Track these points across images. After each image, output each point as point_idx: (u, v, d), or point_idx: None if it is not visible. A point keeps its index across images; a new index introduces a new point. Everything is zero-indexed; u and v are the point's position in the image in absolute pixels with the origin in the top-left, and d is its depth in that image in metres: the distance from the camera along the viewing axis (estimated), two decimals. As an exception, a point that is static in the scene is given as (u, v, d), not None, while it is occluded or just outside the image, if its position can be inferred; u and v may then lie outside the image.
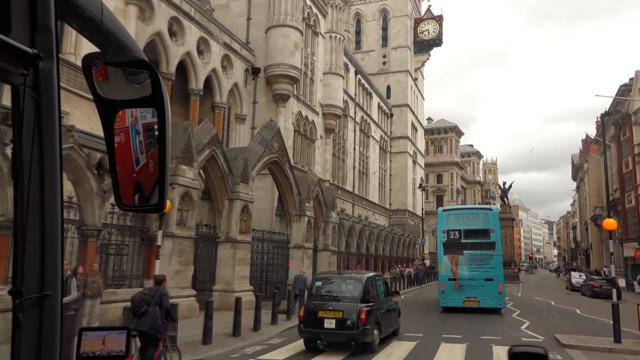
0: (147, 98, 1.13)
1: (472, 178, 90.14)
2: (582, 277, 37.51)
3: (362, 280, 11.14)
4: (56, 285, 0.95)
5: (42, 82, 0.95)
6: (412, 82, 58.55)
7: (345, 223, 31.11)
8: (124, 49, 1.14)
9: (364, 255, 34.70)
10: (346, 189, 41.18)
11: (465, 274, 18.69)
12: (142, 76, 1.13)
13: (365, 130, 47.11)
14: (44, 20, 0.95)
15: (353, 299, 10.66)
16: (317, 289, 11.46)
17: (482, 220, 19.60)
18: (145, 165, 1.16)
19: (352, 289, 11.04)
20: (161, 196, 1.16)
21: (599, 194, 56.23)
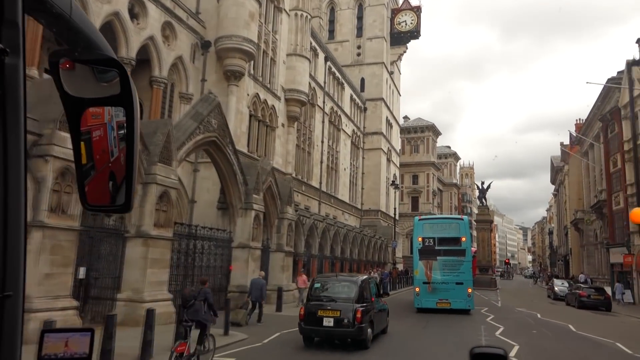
0: (116, 97, 1.12)
1: (449, 180, 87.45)
2: (564, 284, 34.50)
3: (358, 283, 12.01)
4: (18, 287, 0.95)
5: (8, 77, 0.95)
6: (387, 75, 55.27)
7: (306, 221, 27.36)
8: (92, 46, 1.12)
9: (327, 258, 31.00)
10: (312, 185, 37.47)
11: (438, 278, 20.43)
12: (110, 74, 1.12)
13: (335, 122, 43.50)
14: (10, 14, 0.94)
15: (349, 300, 11.43)
16: (316, 290, 12.17)
17: (454, 229, 21.33)
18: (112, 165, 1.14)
19: (349, 290, 11.81)
20: (128, 196, 1.15)
21: (579, 197, 53.80)
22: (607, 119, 34.97)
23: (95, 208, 1.19)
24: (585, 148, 50.64)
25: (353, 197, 49.50)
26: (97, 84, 1.12)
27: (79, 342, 1.43)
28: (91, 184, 1.14)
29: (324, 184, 40.19)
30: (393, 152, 59.07)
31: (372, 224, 50.29)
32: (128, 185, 1.14)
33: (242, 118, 26.67)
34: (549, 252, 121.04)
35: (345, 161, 46.29)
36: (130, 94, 1.12)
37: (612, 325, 19.02)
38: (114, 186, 1.14)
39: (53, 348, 1.40)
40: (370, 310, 11.80)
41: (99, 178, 1.14)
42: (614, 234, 34.22)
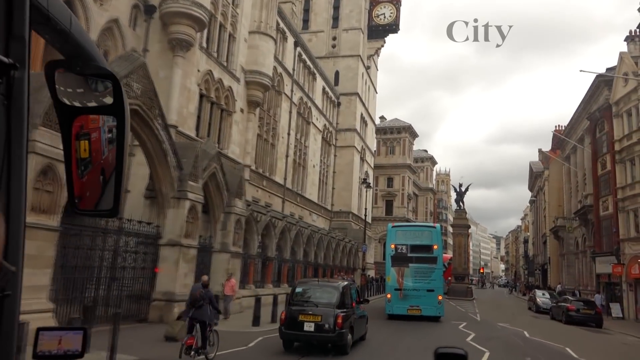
0: (109, 107, 1.17)
1: (425, 185, 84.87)
2: (545, 295, 31.61)
3: (339, 288, 12.16)
4: (16, 286, 0.98)
5: (15, 91, 0.99)
6: (363, 69, 52.13)
7: (261, 218, 23.76)
8: (88, 59, 1.17)
9: (287, 261, 27.42)
10: (275, 181, 33.87)
11: (410, 284, 20.43)
12: (104, 85, 1.17)
13: (304, 115, 40.05)
14: (19, 29, 0.98)
15: (330, 305, 11.45)
16: (298, 294, 12.22)
17: (427, 237, 21.55)
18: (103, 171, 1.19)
19: (330, 295, 11.84)
20: (116, 201, 1.18)
21: (559, 204, 51.47)
22: (596, 117, 32.38)
23: (84, 212, 1.21)
24: (567, 152, 48.34)
25: (323, 197, 46.05)
26: (91, 94, 1.17)
27: (72, 340, 1.51)
28: (82, 188, 1.17)
29: (290, 181, 36.63)
30: (367, 151, 55.90)
31: (342, 226, 46.93)
32: (117, 190, 1.18)
33: (189, 96, 22.97)
34: (522, 261, 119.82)
35: (314, 158, 42.85)
36: (123, 104, 1.16)
37: (615, 349, 16.01)
38: (103, 191, 1.18)
39: (48, 345, 1.47)
40: (350, 316, 11.82)
41: (89, 182, 1.17)
42: (600, 241, 31.54)
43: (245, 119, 28.93)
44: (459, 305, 31.53)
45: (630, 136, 28.08)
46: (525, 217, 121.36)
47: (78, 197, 1.17)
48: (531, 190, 70.51)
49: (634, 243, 27.02)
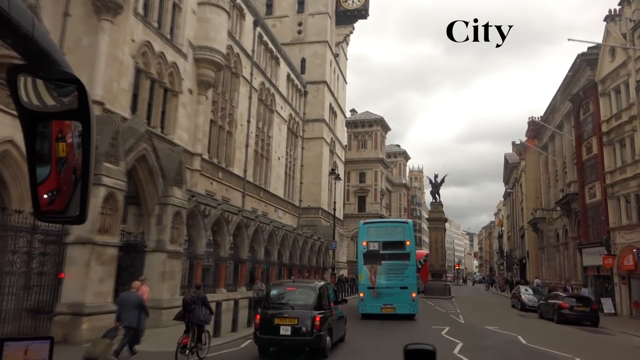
0: (73, 111, 1.15)
1: (398, 180, 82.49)
2: (528, 291, 29.07)
3: (316, 289, 11.54)
4: None
5: None
6: (331, 56, 49.10)
7: (210, 211, 20.37)
8: (52, 63, 1.14)
9: (244, 261, 24.09)
10: (233, 173, 30.46)
11: (383, 282, 19.86)
12: (68, 90, 1.15)
13: (267, 102, 36.73)
14: None
15: (307, 307, 10.91)
16: (273, 297, 11.62)
17: (399, 233, 20.89)
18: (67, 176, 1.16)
19: (306, 296, 11.27)
20: (83, 207, 1.16)
21: (537, 195, 49.54)
22: (580, 98, 30.05)
23: (48, 218, 1.20)
24: (544, 141, 46.35)
25: (289, 192, 42.81)
26: (55, 99, 1.14)
27: (38, 350, 1.49)
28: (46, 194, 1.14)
29: (250, 173, 33.27)
30: (337, 144, 52.89)
31: (311, 223, 43.79)
32: (83, 197, 1.15)
33: (121, 70, 19.44)
34: (497, 256, 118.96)
35: (280, 149, 39.57)
36: (88, 108, 1.14)
37: (629, 355, 13.25)
38: (69, 197, 1.15)
39: (13, 356, 1.44)
40: (328, 318, 11.40)
41: (54, 188, 1.14)
42: (587, 232, 29.23)
43: (195, 101, 25.48)
44: (438, 304, 28.77)
45: (619, 115, 25.76)
46: (499, 212, 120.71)
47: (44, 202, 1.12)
48: (506, 183, 68.75)
49: (626, 232, 24.70)
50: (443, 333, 15.69)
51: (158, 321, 15.01)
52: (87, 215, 1.19)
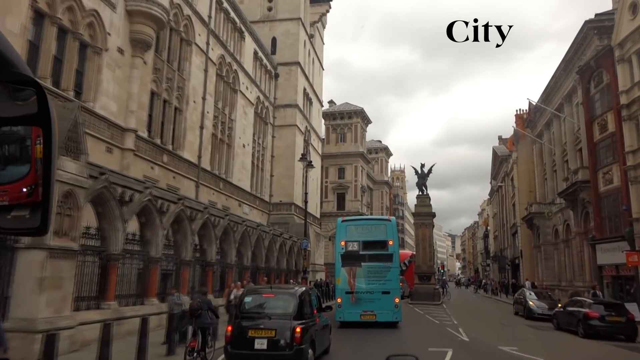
0: (33, 116, 1.09)
1: (380, 178, 78.08)
2: (532, 295, 24.51)
3: (297, 295, 10.18)
4: None
5: None
6: (305, 36, 44.34)
7: (133, 196, 15.26)
8: (8, 65, 1.08)
9: (188, 263, 19.04)
10: (183, 157, 25.40)
11: (363, 286, 18.32)
12: (26, 93, 1.09)
13: (228, 79, 31.76)
14: None
15: (286, 316, 9.62)
16: (247, 305, 10.20)
17: (381, 232, 19.28)
18: (12, 196, 1.10)
19: (285, 304, 9.99)
20: (44, 218, 1.10)
21: (530, 189, 45.46)
22: (591, 68, 25.73)
23: (6, 230, 1.13)
24: (539, 129, 42.29)
25: (258, 185, 37.85)
26: (11, 103, 1.08)
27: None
28: (3, 205, 1.08)
29: (207, 160, 28.25)
30: (313, 134, 48.07)
31: (283, 220, 38.96)
32: (44, 207, 1.09)
33: (5, 4, 14.35)
34: (481, 257, 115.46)
35: (245, 136, 34.61)
36: (48, 113, 1.08)
37: None
38: (29, 207, 1.09)
39: None
40: (311, 328, 9.97)
41: (12, 198, 1.09)
42: (601, 224, 24.90)
43: (128, 64, 20.42)
44: (428, 312, 24.16)
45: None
46: (483, 212, 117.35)
47: None
48: (494, 178, 64.76)
49: (654, 222, 20.38)
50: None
51: (29, 352, 10.03)
52: (49, 226, 1.11)
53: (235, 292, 15.02)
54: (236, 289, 15.35)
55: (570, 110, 33.90)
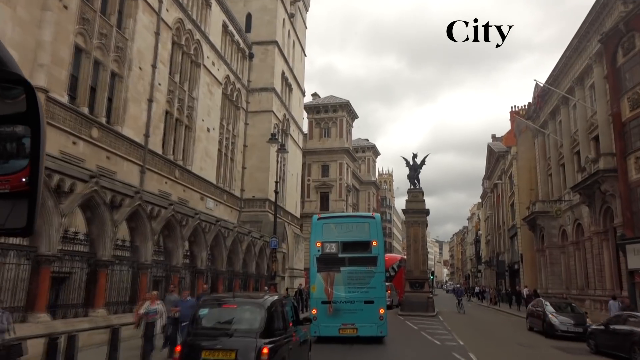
0: (21, 114, 1.09)
1: (367, 178, 73.59)
2: (547, 306, 19.90)
3: (265, 306, 8.12)
4: None
5: None
6: (285, 14, 39.79)
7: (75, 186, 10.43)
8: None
9: (105, 264, 14.19)
10: (123, 135, 20.55)
11: (342, 295, 15.84)
12: (16, 92, 1.09)
13: (188, 49, 27.02)
14: None
15: (251, 333, 7.67)
16: (202, 319, 8.16)
17: (363, 230, 16.83)
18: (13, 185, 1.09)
19: (251, 317, 8.06)
20: (31, 219, 1.09)
21: (532, 187, 41.27)
22: (620, 33, 21.44)
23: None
24: (542, 120, 38.15)
25: (226, 177, 33.06)
26: (1, 102, 1.07)
27: None
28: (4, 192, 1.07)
29: (157, 141, 23.44)
30: (293, 125, 43.37)
31: (256, 219, 34.24)
32: (31, 207, 1.08)
33: None
34: (470, 264, 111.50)
35: (210, 119, 29.83)
36: (37, 111, 1.08)
37: None
38: (15, 207, 1.08)
39: None
40: (283, 347, 8.07)
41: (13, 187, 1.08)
42: (632, 220, 20.55)
43: (38, 3, 15.62)
44: (423, 327, 19.64)
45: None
46: (473, 217, 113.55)
47: None
48: (488, 178, 60.61)
49: None
50: None
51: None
52: (35, 226, 1.09)
53: (148, 306, 10.29)
54: (150, 302, 10.57)
55: (582, 94, 29.74)
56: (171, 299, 11.63)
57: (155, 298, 11.10)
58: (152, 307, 10.11)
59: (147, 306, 10.28)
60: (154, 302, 10.40)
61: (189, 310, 9.90)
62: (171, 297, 11.79)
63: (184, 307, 10.67)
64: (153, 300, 10.49)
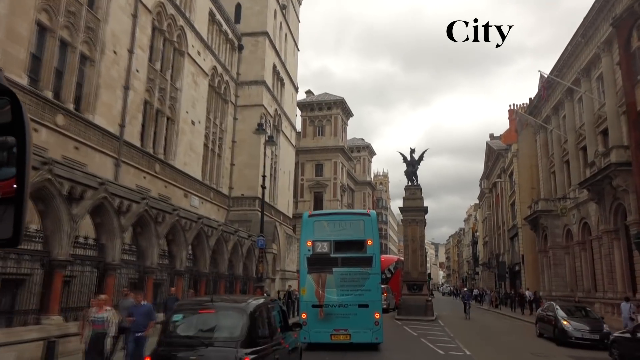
0: (7, 125, 1.08)
1: (362, 178, 71.95)
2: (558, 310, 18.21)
3: (247, 311, 7.18)
4: None
5: None
6: (276, 5, 38.15)
7: None
8: None
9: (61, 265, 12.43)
10: (94, 124, 18.78)
11: (334, 298, 14.65)
12: (1, 102, 1.08)
13: (171, 36, 25.30)
14: None
15: (231, 342, 6.78)
16: (176, 326, 7.26)
17: (357, 228, 15.55)
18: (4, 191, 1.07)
19: (231, 324, 7.11)
20: (17, 229, 1.08)
21: (533, 186, 39.75)
22: (635, 14, 19.83)
23: None
24: (544, 115, 36.61)
25: (213, 174, 31.33)
26: None
27: None
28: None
29: (135, 132, 21.68)
30: (285, 121, 41.66)
31: (245, 217, 32.49)
32: (17, 217, 1.06)
33: None
34: (467, 266, 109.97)
35: (196, 112, 28.10)
36: (23, 122, 1.06)
37: None
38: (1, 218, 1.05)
39: None
40: (268, 355, 7.17)
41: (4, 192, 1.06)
42: (651, 217, 18.92)
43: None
44: (423, 334, 17.97)
45: None
46: (470, 218, 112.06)
47: None
48: (487, 177, 59.08)
49: None
50: None
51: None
52: (21, 237, 1.07)
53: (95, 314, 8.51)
54: (97, 308, 8.78)
55: (589, 85, 28.22)
56: (125, 304, 9.85)
57: (104, 303, 9.32)
58: (98, 315, 8.36)
59: (94, 313, 8.49)
60: (102, 308, 8.62)
61: (143, 318, 8.18)
62: (126, 302, 10.01)
63: (138, 314, 8.88)
64: (101, 306, 8.69)
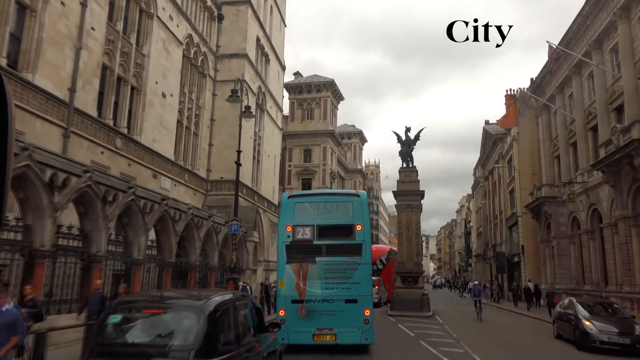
0: None
1: (353, 166, 69.32)
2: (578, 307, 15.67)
3: (205, 311, 5.42)
4: None
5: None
6: (260, -27, 35.12)
7: None
8: None
9: None
10: (36, 85, 15.84)
11: (318, 292, 12.72)
12: None
13: (138, -5, 22.30)
14: None
15: (183, 350, 5.03)
16: (112, 330, 5.51)
17: (345, 211, 13.45)
18: None
19: (183, 328, 5.36)
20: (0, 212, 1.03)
21: (534, 171, 37.35)
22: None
23: None
24: (549, 94, 34.08)
25: (188, 154, 28.47)
26: None
27: None
28: None
29: (90, 100, 18.74)
30: (270, 100, 38.74)
31: (224, 203, 29.67)
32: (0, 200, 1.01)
33: None
34: (458, 257, 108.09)
35: (167, 83, 25.18)
36: (5, 103, 1.01)
37: None
38: None
39: None
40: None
41: None
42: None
43: None
44: (422, 335, 15.44)
45: None
46: (462, 208, 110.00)
47: None
48: (483, 165, 56.68)
49: None
50: None
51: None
52: (2, 223, 1.01)
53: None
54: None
55: (601, 58, 25.72)
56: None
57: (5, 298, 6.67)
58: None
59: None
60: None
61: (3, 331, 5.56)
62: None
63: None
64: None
